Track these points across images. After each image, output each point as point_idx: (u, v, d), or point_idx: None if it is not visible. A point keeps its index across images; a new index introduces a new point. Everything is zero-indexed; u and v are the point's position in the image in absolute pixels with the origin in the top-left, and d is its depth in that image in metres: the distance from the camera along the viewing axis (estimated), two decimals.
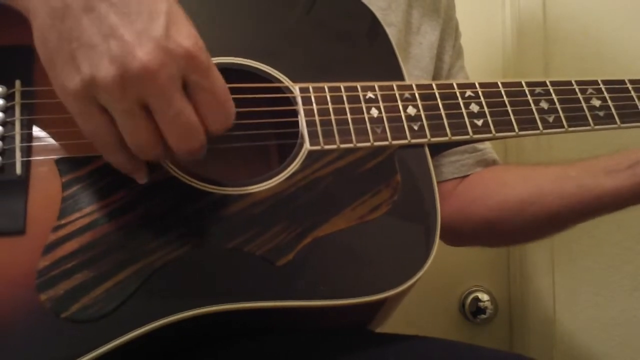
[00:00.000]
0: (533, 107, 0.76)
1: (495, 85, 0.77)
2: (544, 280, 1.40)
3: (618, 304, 1.41)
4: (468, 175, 0.99)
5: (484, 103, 0.76)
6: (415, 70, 0.97)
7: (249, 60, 0.75)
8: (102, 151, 0.61)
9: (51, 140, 0.66)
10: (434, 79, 0.99)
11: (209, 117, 0.60)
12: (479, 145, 1.00)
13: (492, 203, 0.93)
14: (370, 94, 0.74)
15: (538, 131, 0.75)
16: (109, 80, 0.55)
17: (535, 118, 0.76)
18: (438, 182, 0.75)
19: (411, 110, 0.74)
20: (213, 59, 0.72)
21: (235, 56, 0.75)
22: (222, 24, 0.77)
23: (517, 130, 0.75)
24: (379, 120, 0.73)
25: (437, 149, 0.76)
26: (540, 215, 0.89)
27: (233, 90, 0.70)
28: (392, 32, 0.86)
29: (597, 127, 0.76)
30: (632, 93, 0.78)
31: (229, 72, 0.73)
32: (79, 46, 0.56)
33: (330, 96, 0.73)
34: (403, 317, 0.80)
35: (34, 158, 0.65)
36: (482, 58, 1.12)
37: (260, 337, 0.70)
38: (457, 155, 0.98)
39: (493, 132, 0.75)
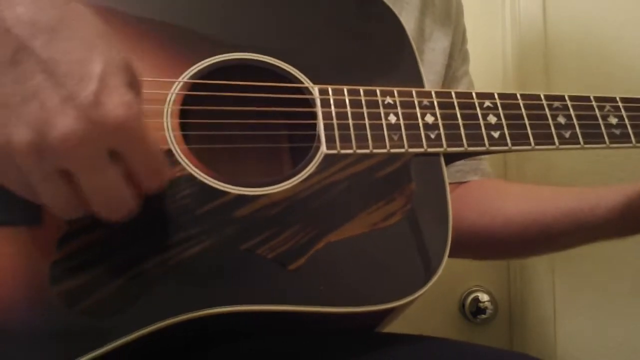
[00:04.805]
0: (550, 121, 0.76)
1: (514, 97, 0.77)
2: (544, 280, 1.40)
3: (618, 304, 1.41)
4: (464, 182, 0.99)
5: (502, 115, 0.75)
6: (430, 75, 0.96)
7: (269, 58, 0.74)
8: None
9: None
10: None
11: (140, 183, 0.57)
12: None
13: (485, 209, 0.93)
14: (389, 99, 0.74)
15: (554, 146, 0.75)
16: (22, 147, 0.50)
17: (552, 133, 0.75)
18: None
19: (429, 119, 0.74)
20: (232, 54, 0.73)
21: (255, 52, 0.74)
22: (242, 19, 0.76)
23: (533, 144, 0.75)
24: (397, 127, 0.73)
25: (452, 158, 0.76)
26: (534, 226, 0.88)
27: (251, 89, 0.71)
28: None
29: (612, 145, 0.76)
30: None
31: (248, 69, 0.74)
32: None
33: (349, 100, 0.73)
34: (403, 317, 0.80)
35: None
36: (481, 59, 1.12)
37: (265, 338, 0.70)
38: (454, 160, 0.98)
39: (509, 145, 0.74)
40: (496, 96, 0.76)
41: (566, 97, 0.77)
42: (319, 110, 0.72)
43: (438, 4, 1.01)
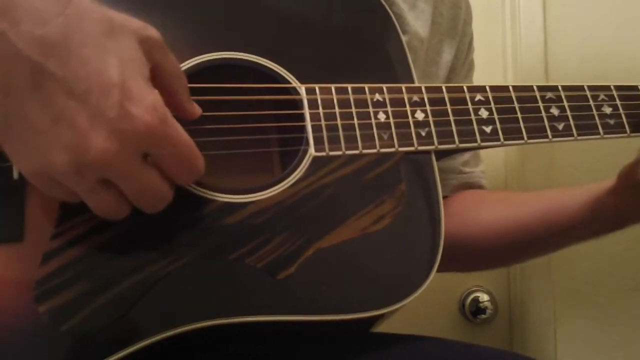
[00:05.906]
0: (543, 113, 0.74)
1: (506, 89, 0.75)
2: (544, 280, 1.39)
3: (618, 304, 1.40)
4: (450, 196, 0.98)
5: (494, 109, 0.73)
6: None
7: (255, 57, 0.72)
8: None
9: None
10: None
11: (175, 176, 0.58)
12: (466, 168, 0.99)
13: (462, 219, 0.91)
14: (378, 97, 0.72)
15: (547, 139, 0.73)
16: (63, 169, 0.52)
17: (545, 126, 0.74)
18: None
19: (419, 115, 0.72)
20: (217, 54, 0.71)
21: (241, 51, 0.72)
22: (227, 18, 0.74)
23: (525, 138, 0.73)
24: (386, 125, 0.71)
25: (443, 153, 0.74)
26: (509, 232, 0.87)
27: (239, 91, 0.69)
28: (418, 47, 0.85)
29: (606, 135, 0.74)
30: None
31: (233, 69, 0.71)
32: (27, 129, 0.52)
33: (337, 99, 0.71)
34: (403, 317, 0.79)
35: None
36: (481, 59, 1.11)
37: (259, 341, 0.69)
38: (442, 174, 0.96)
39: (501, 140, 0.73)
40: (488, 89, 0.74)
41: (559, 87, 0.76)
42: (306, 111, 0.70)
43: (445, 14, 0.99)
